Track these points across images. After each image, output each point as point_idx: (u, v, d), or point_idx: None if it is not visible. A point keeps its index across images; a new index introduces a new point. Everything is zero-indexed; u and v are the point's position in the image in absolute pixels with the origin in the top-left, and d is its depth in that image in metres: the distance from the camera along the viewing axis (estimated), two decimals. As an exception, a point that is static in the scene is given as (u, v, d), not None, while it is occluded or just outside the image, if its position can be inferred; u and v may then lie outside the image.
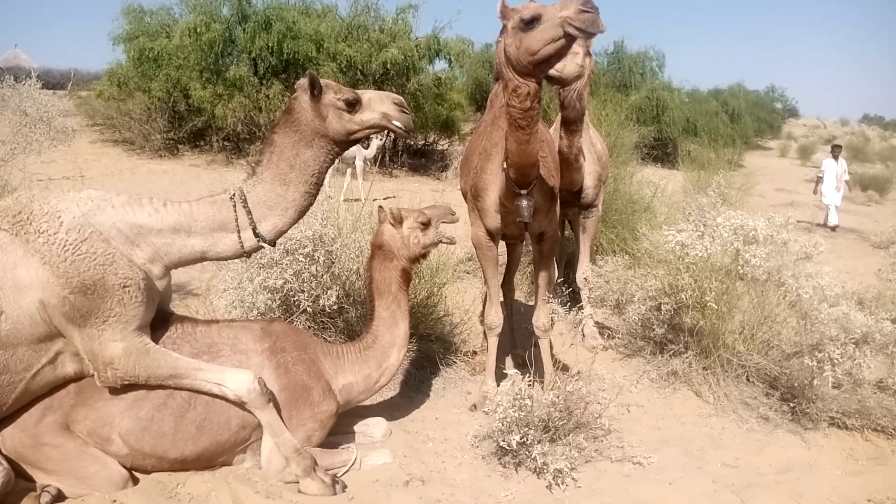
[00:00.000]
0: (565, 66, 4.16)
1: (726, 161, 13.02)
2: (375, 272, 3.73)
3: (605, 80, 23.61)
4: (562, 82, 4.33)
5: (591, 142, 5.67)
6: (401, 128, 3.35)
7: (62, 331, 2.90)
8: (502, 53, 3.36)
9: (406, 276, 3.77)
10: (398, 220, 3.73)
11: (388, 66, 15.83)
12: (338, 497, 3.23)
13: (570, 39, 3.12)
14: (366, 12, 17.00)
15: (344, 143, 3.33)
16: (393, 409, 4.25)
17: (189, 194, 10.87)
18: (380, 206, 3.87)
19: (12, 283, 2.80)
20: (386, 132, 3.87)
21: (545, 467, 3.50)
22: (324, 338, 4.31)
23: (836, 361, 4.22)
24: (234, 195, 3.19)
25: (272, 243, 3.30)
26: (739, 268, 4.76)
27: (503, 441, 3.57)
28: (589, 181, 5.38)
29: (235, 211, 3.17)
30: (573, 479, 3.55)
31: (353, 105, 3.23)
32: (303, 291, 4.37)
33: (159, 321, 3.24)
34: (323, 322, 4.55)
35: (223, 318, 4.29)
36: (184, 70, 15.51)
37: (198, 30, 15.19)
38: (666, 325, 5.11)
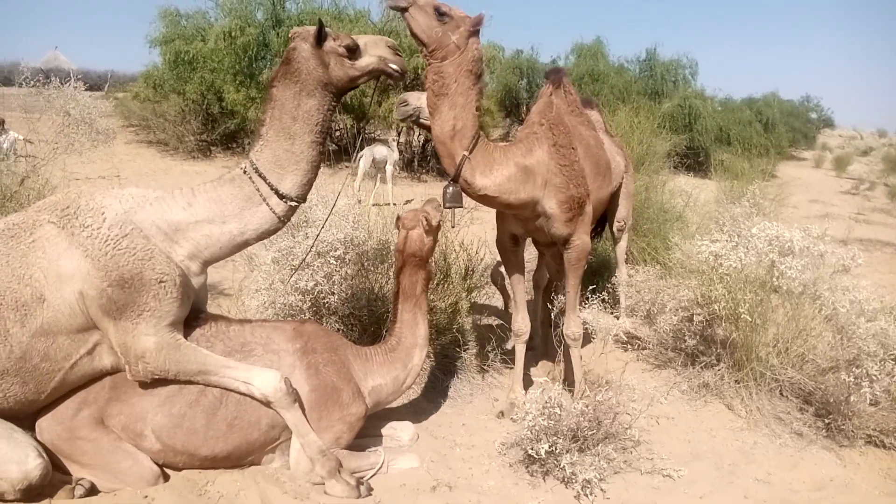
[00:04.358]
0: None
1: (760, 171, 12.73)
2: (405, 278, 3.75)
3: (636, 88, 23.42)
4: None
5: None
6: (397, 70, 3.36)
7: (97, 323, 2.97)
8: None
9: (429, 278, 3.85)
10: (433, 228, 3.75)
11: (420, 71, 15.88)
12: (363, 500, 3.23)
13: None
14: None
15: (346, 90, 3.35)
16: (420, 414, 4.25)
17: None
18: (397, 216, 3.87)
19: (56, 273, 2.89)
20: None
21: (574, 477, 3.47)
22: (352, 340, 4.32)
23: (874, 378, 4.12)
24: (245, 167, 3.21)
25: (301, 199, 3.27)
26: (774, 280, 4.68)
27: (531, 449, 3.54)
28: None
29: (254, 181, 3.18)
30: (602, 489, 3.51)
31: (353, 51, 3.24)
32: (333, 293, 4.40)
33: (193, 319, 3.29)
34: (352, 324, 4.57)
35: (255, 318, 4.34)
36: (218, 73, 15.76)
37: (232, 34, 15.45)
38: (698, 337, 5.04)
